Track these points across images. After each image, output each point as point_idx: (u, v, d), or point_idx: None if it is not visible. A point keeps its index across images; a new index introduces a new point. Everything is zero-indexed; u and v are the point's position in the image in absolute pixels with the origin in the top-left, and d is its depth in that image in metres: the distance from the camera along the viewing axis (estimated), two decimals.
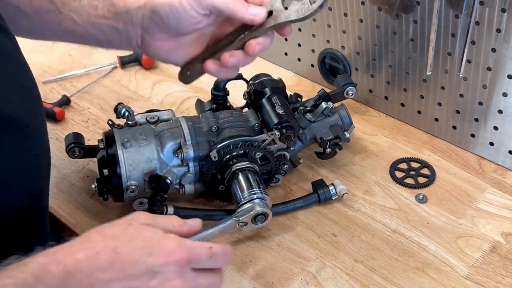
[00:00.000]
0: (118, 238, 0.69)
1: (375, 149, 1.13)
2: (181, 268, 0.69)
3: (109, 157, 0.93)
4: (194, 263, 0.71)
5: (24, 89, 0.78)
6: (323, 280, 0.90)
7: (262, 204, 0.90)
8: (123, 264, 0.67)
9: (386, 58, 1.14)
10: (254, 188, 0.92)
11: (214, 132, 0.97)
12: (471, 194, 1.03)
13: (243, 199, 0.91)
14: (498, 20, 0.95)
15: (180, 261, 0.69)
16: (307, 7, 0.83)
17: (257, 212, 0.89)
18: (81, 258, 0.65)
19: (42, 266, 0.64)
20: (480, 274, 0.91)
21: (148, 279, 0.67)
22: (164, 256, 0.68)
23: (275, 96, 1.01)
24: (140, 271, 0.67)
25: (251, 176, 0.93)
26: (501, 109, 1.03)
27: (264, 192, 0.92)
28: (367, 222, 0.99)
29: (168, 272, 0.68)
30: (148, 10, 0.85)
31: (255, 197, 0.90)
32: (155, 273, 0.68)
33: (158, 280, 0.68)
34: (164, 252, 0.69)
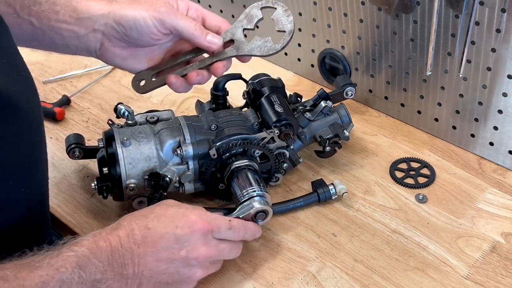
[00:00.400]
0: (147, 216, 0.80)
1: (375, 149, 1.13)
2: (204, 236, 0.81)
3: (109, 156, 0.93)
4: (215, 232, 0.82)
5: (22, 78, 0.79)
6: (323, 280, 0.90)
7: (262, 202, 0.90)
8: (155, 237, 0.78)
9: (386, 58, 1.14)
10: (253, 186, 0.92)
11: (214, 131, 0.97)
12: (471, 194, 1.03)
13: (242, 197, 0.91)
14: (498, 20, 0.95)
15: (203, 230, 0.81)
16: (270, 46, 0.91)
17: (256, 209, 0.89)
18: (121, 235, 0.77)
19: (94, 242, 0.76)
20: (480, 274, 0.91)
21: (178, 250, 0.79)
22: (188, 226, 0.80)
23: (274, 95, 1.02)
24: (169, 243, 0.79)
25: (251, 175, 0.94)
26: (501, 109, 1.03)
27: (264, 189, 0.92)
28: (367, 222, 0.99)
29: (194, 240, 0.80)
30: (111, 20, 0.89)
31: (254, 195, 0.91)
32: (183, 242, 0.79)
33: (187, 249, 0.79)
34: (188, 222, 0.80)
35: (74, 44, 0.93)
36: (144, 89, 0.95)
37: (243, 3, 1.30)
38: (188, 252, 0.79)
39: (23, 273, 0.70)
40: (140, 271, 0.77)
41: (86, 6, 0.90)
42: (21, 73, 0.79)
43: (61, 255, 0.73)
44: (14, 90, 0.74)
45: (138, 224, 0.78)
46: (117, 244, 0.76)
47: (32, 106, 0.80)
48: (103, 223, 0.99)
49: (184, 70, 0.94)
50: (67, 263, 0.72)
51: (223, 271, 0.91)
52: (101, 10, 0.90)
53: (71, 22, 0.90)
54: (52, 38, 0.92)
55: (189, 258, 0.80)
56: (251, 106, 1.04)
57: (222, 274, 0.91)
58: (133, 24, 0.88)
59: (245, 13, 0.93)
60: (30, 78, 0.81)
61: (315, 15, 1.20)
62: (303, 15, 1.22)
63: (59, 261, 0.72)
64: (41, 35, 0.92)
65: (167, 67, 0.94)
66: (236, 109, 1.04)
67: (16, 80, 0.77)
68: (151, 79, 0.94)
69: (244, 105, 1.08)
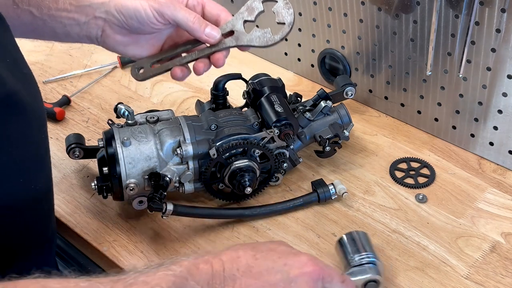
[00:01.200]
0: (257, 248, 0.74)
1: (375, 149, 1.13)
2: (314, 281, 0.72)
3: (109, 156, 0.93)
4: (326, 281, 0.73)
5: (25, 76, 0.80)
6: None
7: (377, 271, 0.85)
8: (261, 269, 0.71)
9: (386, 58, 1.14)
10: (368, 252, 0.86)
11: (214, 131, 0.97)
12: (471, 194, 1.03)
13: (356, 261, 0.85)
14: (498, 20, 0.95)
15: (313, 274, 0.72)
16: (269, 37, 0.92)
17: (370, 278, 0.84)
18: (224, 259, 0.71)
19: (194, 264, 0.70)
20: (480, 274, 0.91)
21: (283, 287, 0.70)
22: (298, 267, 0.72)
23: (274, 95, 1.02)
24: (275, 279, 0.71)
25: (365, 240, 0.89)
26: (501, 109, 1.03)
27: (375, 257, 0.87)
28: (367, 222, 0.99)
29: (302, 282, 0.71)
30: (112, 7, 0.90)
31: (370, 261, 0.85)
32: (290, 282, 0.71)
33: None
34: (299, 263, 0.72)
35: (75, 31, 0.93)
36: (143, 76, 0.94)
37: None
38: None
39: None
40: None
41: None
42: (23, 71, 0.80)
43: (158, 274, 0.68)
44: (20, 88, 0.75)
45: (245, 252, 0.72)
46: (220, 268, 0.70)
47: (37, 104, 0.81)
48: (103, 223, 0.99)
49: (183, 59, 0.94)
50: (163, 282, 0.67)
51: None
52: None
53: (71, 10, 0.91)
54: (52, 27, 0.92)
55: None
56: (251, 106, 1.04)
57: None
58: (133, 14, 0.89)
59: (247, 5, 0.93)
60: (32, 76, 0.82)
61: (315, 15, 1.20)
62: (303, 15, 1.22)
63: (155, 279, 0.67)
64: (42, 24, 0.92)
65: (166, 56, 0.95)
66: (236, 109, 1.04)
67: (20, 78, 0.77)
68: (150, 67, 0.94)
69: (244, 105, 1.08)
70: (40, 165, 0.82)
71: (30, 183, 0.79)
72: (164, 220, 0.98)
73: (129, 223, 0.99)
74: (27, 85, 0.79)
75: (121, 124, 0.98)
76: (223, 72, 1.09)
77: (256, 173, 0.97)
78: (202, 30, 0.90)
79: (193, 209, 0.96)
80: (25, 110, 0.75)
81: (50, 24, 0.92)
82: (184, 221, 0.99)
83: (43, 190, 0.84)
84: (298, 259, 0.73)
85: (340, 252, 0.89)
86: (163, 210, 0.92)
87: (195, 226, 0.98)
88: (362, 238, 0.88)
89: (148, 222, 0.99)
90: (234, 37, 0.92)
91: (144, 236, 0.97)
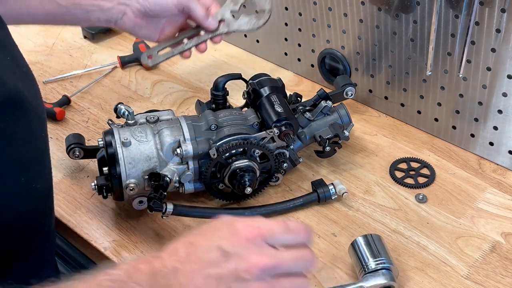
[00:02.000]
0: (192, 233, 0.71)
1: (375, 149, 1.13)
2: (254, 244, 0.67)
3: (109, 156, 0.93)
4: (269, 238, 0.68)
5: (25, 74, 0.80)
6: (323, 280, 0.90)
7: (390, 277, 0.85)
8: (198, 253, 0.68)
9: (386, 58, 1.14)
10: (383, 257, 0.87)
11: (214, 131, 0.97)
12: (471, 194, 1.03)
13: (370, 268, 0.86)
14: (498, 20, 0.95)
15: (250, 236, 0.68)
16: (254, 22, 1.09)
17: (385, 284, 0.85)
18: (164, 256, 0.68)
19: (133, 266, 0.68)
20: (480, 274, 0.91)
21: (225, 263, 0.67)
22: (234, 236, 0.68)
23: (274, 95, 1.02)
24: (215, 256, 0.67)
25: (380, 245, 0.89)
26: (501, 109, 1.03)
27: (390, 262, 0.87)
28: (367, 222, 0.99)
29: (242, 249, 0.67)
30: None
31: (385, 267, 0.86)
32: (230, 254, 0.67)
33: (234, 260, 0.67)
34: (234, 232, 0.68)
35: (96, 16, 1.04)
36: (152, 62, 1.11)
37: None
38: (237, 264, 0.66)
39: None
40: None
41: None
42: (23, 69, 0.80)
43: (95, 279, 0.67)
44: (20, 86, 0.75)
45: (181, 242, 0.70)
46: (160, 265, 0.68)
47: (37, 102, 0.81)
48: (103, 223, 0.99)
49: (186, 46, 1.09)
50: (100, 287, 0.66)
51: None
52: None
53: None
54: (75, 14, 1.02)
55: (239, 271, 0.66)
56: (251, 106, 1.04)
57: None
58: (159, 1, 1.03)
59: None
60: (31, 74, 0.82)
61: (315, 15, 1.20)
62: (303, 15, 1.22)
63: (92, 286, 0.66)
64: (64, 12, 1.01)
65: (170, 44, 1.10)
66: (236, 109, 1.04)
67: (20, 76, 0.78)
68: (157, 54, 1.10)
69: (244, 105, 1.08)
70: (40, 164, 0.83)
71: (31, 182, 0.79)
72: (164, 220, 0.98)
73: (129, 223, 0.99)
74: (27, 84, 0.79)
75: (121, 124, 0.98)
76: (223, 72, 1.09)
77: (256, 173, 0.97)
78: (207, 19, 1.06)
79: (193, 209, 0.96)
80: (25, 109, 0.75)
81: (73, 11, 1.01)
82: (184, 221, 0.99)
83: (44, 189, 0.84)
84: (233, 229, 0.69)
85: (353, 255, 0.89)
86: (163, 210, 0.92)
87: (195, 226, 0.98)
88: (376, 242, 0.88)
89: (148, 222, 0.99)
90: (225, 24, 1.09)
91: (144, 236, 0.97)
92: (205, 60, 1.34)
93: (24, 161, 0.77)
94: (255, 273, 0.66)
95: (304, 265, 0.70)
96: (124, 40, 1.41)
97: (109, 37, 1.42)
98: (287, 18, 1.25)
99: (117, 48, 1.39)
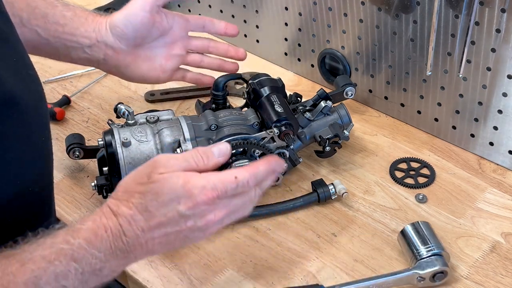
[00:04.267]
0: (145, 195, 0.73)
1: (375, 149, 1.13)
2: (209, 205, 0.73)
3: (109, 156, 0.93)
4: (222, 196, 0.74)
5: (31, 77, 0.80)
6: (323, 280, 0.90)
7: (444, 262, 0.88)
8: (159, 218, 0.72)
9: (386, 58, 1.14)
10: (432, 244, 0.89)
11: (214, 130, 0.97)
12: (471, 194, 1.03)
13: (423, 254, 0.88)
14: (498, 20, 0.95)
15: (207, 200, 0.73)
16: None
17: (439, 269, 0.87)
18: (121, 222, 0.72)
19: (92, 231, 0.71)
20: (480, 274, 0.91)
21: (184, 223, 0.73)
22: (191, 200, 0.73)
23: (274, 95, 1.02)
24: (174, 218, 0.73)
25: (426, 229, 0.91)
26: (501, 109, 1.03)
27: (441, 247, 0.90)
28: (367, 222, 0.99)
29: (199, 211, 0.73)
30: (110, 27, 0.99)
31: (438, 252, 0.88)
32: (188, 216, 0.73)
33: (193, 220, 0.73)
34: (191, 198, 0.73)
35: (76, 54, 1.01)
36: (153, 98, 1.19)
37: (243, 3, 1.30)
38: (195, 222, 0.74)
39: (14, 267, 0.68)
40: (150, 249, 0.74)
41: (92, 20, 0.99)
42: (29, 72, 0.80)
43: (55, 247, 0.69)
44: (21, 89, 0.74)
45: (138, 208, 0.73)
46: (119, 232, 0.72)
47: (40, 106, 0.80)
48: None
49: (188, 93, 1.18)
50: (61, 256, 0.69)
51: (223, 271, 0.91)
52: (102, 23, 0.99)
53: (76, 33, 0.98)
54: (56, 47, 1.00)
55: (198, 226, 0.74)
56: (251, 106, 1.04)
57: (222, 274, 0.91)
58: (126, 20, 0.98)
59: None
60: (37, 77, 0.82)
61: (315, 15, 1.20)
62: (303, 15, 1.22)
63: (52, 254, 0.68)
64: (45, 43, 0.99)
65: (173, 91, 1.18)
66: (236, 109, 1.04)
67: (23, 78, 0.77)
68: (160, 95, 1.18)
69: (244, 105, 1.08)
70: (40, 165, 0.82)
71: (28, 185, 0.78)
72: None
73: None
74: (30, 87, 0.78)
75: (121, 124, 0.98)
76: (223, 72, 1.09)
77: None
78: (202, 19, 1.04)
79: None
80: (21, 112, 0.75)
81: (54, 44, 0.99)
82: None
83: (43, 190, 0.84)
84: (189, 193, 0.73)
85: (404, 244, 0.91)
86: None
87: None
88: (425, 229, 0.91)
89: None
90: None
91: None
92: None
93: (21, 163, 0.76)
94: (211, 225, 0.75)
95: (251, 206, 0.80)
96: None
97: None
98: (287, 18, 1.25)
99: None
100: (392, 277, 0.87)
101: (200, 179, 0.74)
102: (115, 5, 1.44)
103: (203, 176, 0.74)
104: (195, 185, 0.73)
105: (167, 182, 0.73)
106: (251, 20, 1.32)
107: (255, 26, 1.31)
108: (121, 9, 1.01)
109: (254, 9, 1.29)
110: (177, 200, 0.73)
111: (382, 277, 0.87)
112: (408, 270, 0.88)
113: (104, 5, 1.45)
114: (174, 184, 0.73)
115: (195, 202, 0.73)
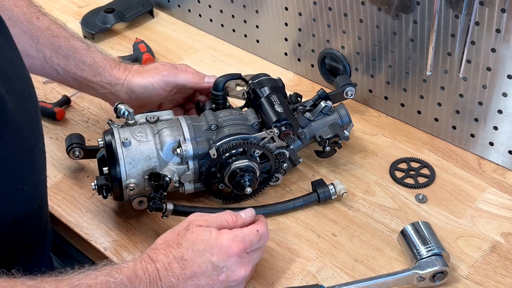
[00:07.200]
0: (181, 244, 0.81)
1: (375, 149, 1.13)
2: (241, 258, 0.82)
3: (109, 156, 0.93)
4: (249, 249, 0.84)
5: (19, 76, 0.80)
6: (323, 280, 0.90)
7: (444, 262, 0.88)
8: (193, 268, 0.80)
9: (386, 58, 1.14)
10: (432, 244, 0.89)
11: (214, 131, 0.97)
12: (471, 194, 1.03)
13: (422, 254, 0.88)
14: (498, 20, 0.95)
15: (238, 253, 0.82)
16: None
17: (439, 269, 0.87)
18: (159, 267, 0.79)
19: (133, 271, 0.77)
20: (480, 274, 0.91)
21: (217, 276, 0.81)
22: (224, 252, 0.81)
23: (274, 95, 1.02)
24: (208, 270, 0.80)
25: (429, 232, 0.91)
26: (501, 109, 1.03)
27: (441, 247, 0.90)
28: (367, 222, 0.99)
29: (231, 264, 0.82)
30: (125, 87, 1.05)
31: (437, 253, 0.88)
32: (221, 268, 0.81)
33: (226, 273, 0.81)
34: (223, 249, 0.81)
35: (91, 93, 1.09)
36: None
37: (243, 3, 1.30)
38: (227, 276, 0.82)
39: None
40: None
41: (109, 73, 1.05)
42: (18, 71, 0.80)
43: (100, 278, 0.75)
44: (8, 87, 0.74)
45: (175, 257, 0.80)
46: (156, 277, 0.78)
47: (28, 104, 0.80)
48: (103, 223, 0.99)
49: None
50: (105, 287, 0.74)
51: None
52: (119, 80, 1.05)
53: (93, 80, 1.05)
54: (72, 85, 1.09)
55: (229, 281, 0.82)
56: (251, 106, 1.04)
57: None
58: (144, 90, 1.05)
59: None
60: (27, 76, 0.81)
61: (315, 15, 1.20)
62: (303, 15, 1.22)
63: (98, 284, 0.74)
64: (62, 80, 1.08)
65: None
66: (236, 109, 1.04)
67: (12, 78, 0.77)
68: None
69: (244, 105, 1.08)
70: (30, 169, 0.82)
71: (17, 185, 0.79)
72: (164, 220, 0.98)
73: (129, 223, 0.99)
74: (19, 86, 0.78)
75: (121, 124, 0.98)
76: (223, 72, 1.09)
77: (256, 173, 0.97)
78: (202, 80, 1.06)
79: (193, 209, 0.96)
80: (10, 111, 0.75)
81: (71, 82, 1.07)
82: None
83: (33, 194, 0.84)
84: (222, 245, 0.81)
85: (404, 244, 0.92)
86: (163, 210, 0.92)
87: None
88: (425, 229, 0.91)
89: (148, 222, 0.99)
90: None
91: (144, 236, 0.97)
92: (204, 60, 1.34)
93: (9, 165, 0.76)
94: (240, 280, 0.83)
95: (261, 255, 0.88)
96: (124, 40, 1.41)
97: (109, 37, 1.42)
98: (287, 18, 1.25)
99: (117, 48, 1.39)
100: (392, 277, 0.87)
101: (229, 233, 0.83)
102: (115, 5, 1.44)
103: (232, 231, 0.83)
104: (226, 238, 0.82)
105: (202, 233, 0.82)
106: (251, 20, 1.32)
107: (255, 26, 1.31)
108: (142, 72, 1.06)
109: (254, 9, 1.29)
110: (210, 251, 0.81)
111: (382, 277, 0.87)
112: (408, 270, 0.88)
113: (104, 5, 1.45)
114: (207, 236, 0.82)
115: (228, 254, 0.81)
